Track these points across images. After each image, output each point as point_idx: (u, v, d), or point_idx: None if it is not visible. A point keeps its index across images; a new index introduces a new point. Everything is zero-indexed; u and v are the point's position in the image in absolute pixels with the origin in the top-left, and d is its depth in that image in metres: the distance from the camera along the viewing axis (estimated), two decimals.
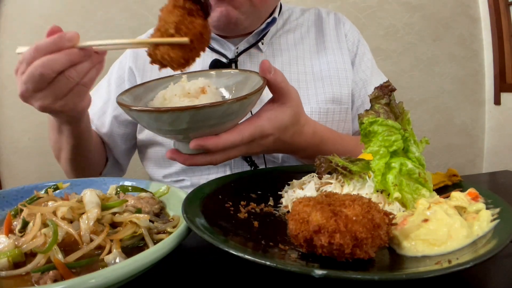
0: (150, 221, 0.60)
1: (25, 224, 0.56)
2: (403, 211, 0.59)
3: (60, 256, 0.50)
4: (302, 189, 0.69)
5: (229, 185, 0.73)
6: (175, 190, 0.73)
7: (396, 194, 0.61)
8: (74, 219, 0.57)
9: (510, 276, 0.51)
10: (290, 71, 1.07)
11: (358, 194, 0.61)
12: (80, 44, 0.66)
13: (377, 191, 0.62)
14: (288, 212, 0.65)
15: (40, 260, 0.49)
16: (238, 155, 0.73)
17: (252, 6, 0.94)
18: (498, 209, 0.56)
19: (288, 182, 0.74)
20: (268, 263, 0.42)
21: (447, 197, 0.61)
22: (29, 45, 0.67)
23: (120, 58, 1.16)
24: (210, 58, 1.01)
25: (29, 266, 0.49)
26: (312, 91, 1.05)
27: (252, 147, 0.73)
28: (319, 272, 0.40)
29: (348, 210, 0.47)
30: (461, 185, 0.69)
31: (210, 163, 0.70)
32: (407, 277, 0.41)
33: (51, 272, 0.47)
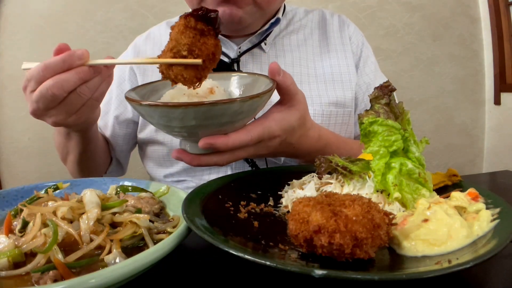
0: (150, 221, 0.60)
1: (25, 224, 0.56)
2: (403, 211, 0.59)
3: (60, 256, 0.50)
4: (302, 189, 0.69)
5: (229, 185, 0.73)
6: (175, 190, 0.73)
7: (396, 194, 0.60)
8: (74, 219, 0.57)
9: (510, 276, 0.51)
10: (293, 73, 1.06)
11: (358, 194, 0.61)
12: (90, 62, 0.66)
13: (377, 191, 0.62)
14: (288, 212, 0.65)
15: (40, 260, 0.49)
16: (245, 157, 0.72)
17: (256, 6, 0.93)
18: (498, 209, 0.56)
19: (288, 182, 0.74)
20: (268, 263, 0.42)
21: (447, 197, 0.61)
22: (33, 57, 0.67)
23: (119, 58, 1.16)
24: None
25: (29, 266, 0.49)
26: (315, 93, 1.05)
27: (260, 149, 0.72)
28: (319, 272, 0.40)
29: (348, 210, 0.47)
30: (461, 185, 0.69)
31: (217, 164, 0.69)
32: (407, 277, 0.41)
33: (51, 272, 0.47)
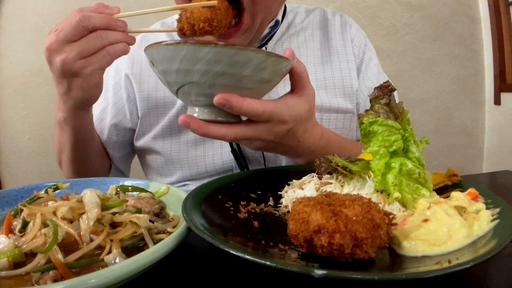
0: (150, 221, 0.60)
1: (25, 224, 0.56)
2: (403, 211, 0.59)
3: (60, 256, 0.50)
4: (302, 189, 0.69)
5: (229, 185, 0.73)
6: (175, 190, 0.73)
7: (396, 194, 0.60)
8: (74, 219, 0.57)
9: (510, 276, 0.51)
10: None
11: (358, 194, 0.61)
12: (118, 14, 0.73)
13: (377, 191, 0.62)
14: (288, 212, 0.65)
15: (40, 260, 0.49)
16: (253, 137, 0.70)
17: (254, 4, 0.92)
18: (498, 209, 0.56)
19: (288, 182, 0.74)
20: (268, 263, 0.42)
21: (447, 197, 0.61)
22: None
23: (115, 63, 1.14)
24: None
25: (29, 266, 0.49)
26: (316, 98, 1.04)
27: (267, 133, 0.71)
28: (319, 272, 0.40)
29: (348, 210, 0.47)
30: (461, 185, 0.69)
31: (223, 137, 0.67)
32: (407, 277, 0.41)
33: (51, 272, 0.47)
